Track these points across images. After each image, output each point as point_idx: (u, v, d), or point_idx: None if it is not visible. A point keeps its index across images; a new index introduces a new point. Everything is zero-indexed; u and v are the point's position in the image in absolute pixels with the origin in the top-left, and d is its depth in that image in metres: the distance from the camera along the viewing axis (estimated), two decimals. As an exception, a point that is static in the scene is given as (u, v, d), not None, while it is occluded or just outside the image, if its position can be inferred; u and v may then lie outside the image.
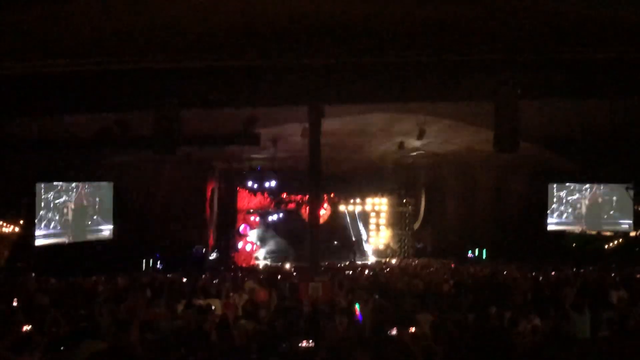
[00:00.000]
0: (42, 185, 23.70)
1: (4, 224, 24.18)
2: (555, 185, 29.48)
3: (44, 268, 21.48)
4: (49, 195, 24.03)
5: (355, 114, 21.55)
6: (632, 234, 27.96)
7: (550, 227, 29.39)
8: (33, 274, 20.65)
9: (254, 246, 34.08)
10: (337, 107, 17.38)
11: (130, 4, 9.34)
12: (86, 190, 25.60)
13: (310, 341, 8.54)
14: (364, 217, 36.82)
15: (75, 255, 24.11)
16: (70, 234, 24.81)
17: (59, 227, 24.34)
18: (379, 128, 24.56)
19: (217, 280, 18.85)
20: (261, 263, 32.74)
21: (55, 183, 24.31)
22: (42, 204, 23.60)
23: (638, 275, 16.87)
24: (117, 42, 10.87)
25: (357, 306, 11.28)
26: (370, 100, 16.46)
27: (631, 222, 27.46)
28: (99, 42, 10.82)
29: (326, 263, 28.15)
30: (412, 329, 8.97)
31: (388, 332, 8.79)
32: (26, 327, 9.56)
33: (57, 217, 24.26)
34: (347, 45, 11.19)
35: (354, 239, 36.63)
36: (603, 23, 10.01)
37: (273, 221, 35.59)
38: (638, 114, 16.53)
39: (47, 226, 23.80)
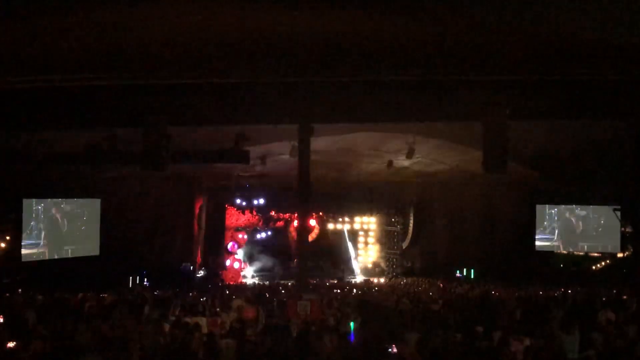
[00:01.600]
0: (31, 201, 23.60)
1: (-9, 240, 24.02)
2: (544, 206, 29.64)
3: (31, 284, 21.31)
4: (38, 209, 23.92)
5: (344, 133, 21.60)
6: (619, 255, 28.08)
7: (538, 248, 29.49)
8: (20, 290, 20.49)
9: (242, 264, 33.97)
10: (327, 125, 17.42)
11: (121, 21, 9.35)
12: (74, 206, 25.46)
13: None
14: (353, 235, 36.81)
15: (62, 271, 23.95)
16: (57, 250, 24.64)
17: (46, 242, 24.19)
18: (368, 147, 24.62)
19: (204, 298, 18.75)
20: (249, 281, 32.59)
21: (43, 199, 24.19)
22: (30, 219, 23.48)
23: (625, 297, 16.89)
24: (106, 58, 10.87)
25: (351, 325, 11.22)
26: (359, 120, 16.51)
27: (618, 243, 27.60)
28: (88, 58, 10.81)
29: (315, 281, 28.12)
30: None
31: (390, 350, 8.77)
32: (11, 344, 9.47)
33: (44, 233, 24.11)
34: (337, 65, 11.24)
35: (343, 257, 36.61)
36: (591, 45, 10.10)
37: (261, 239, 35.51)
38: (625, 135, 16.64)
39: (34, 240, 23.65)
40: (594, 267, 29.54)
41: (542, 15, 9.01)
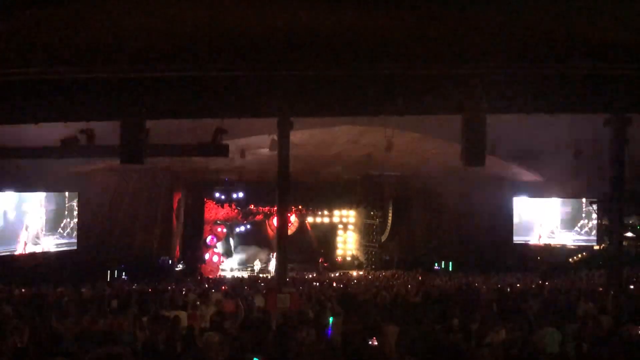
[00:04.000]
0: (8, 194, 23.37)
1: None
2: (522, 199, 29.90)
3: (8, 278, 21.10)
4: (15, 204, 23.69)
5: (323, 126, 21.59)
6: (596, 247, 28.38)
7: (515, 240, 29.74)
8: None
9: (221, 257, 33.93)
10: (306, 119, 17.40)
11: (99, 14, 9.27)
12: (51, 199, 25.22)
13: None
14: (332, 229, 36.89)
15: (40, 265, 23.75)
16: (36, 244, 24.42)
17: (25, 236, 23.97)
18: (347, 140, 24.64)
19: (183, 292, 18.69)
20: (228, 274, 32.57)
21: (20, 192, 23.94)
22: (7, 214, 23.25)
23: (601, 289, 17.07)
24: (84, 51, 10.77)
25: (330, 320, 11.23)
26: (338, 113, 16.50)
27: (595, 236, 27.92)
28: (66, 51, 10.71)
29: (294, 274, 28.13)
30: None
31: (369, 342, 8.78)
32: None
33: (22, 226, 23.88)
34: (316, 58, 11.22)
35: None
36: (570, 39, 10.17)
37: (240, 232, 35.50)
38: (602, 128, 16.79)
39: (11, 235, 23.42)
40: (570, 260, 29.83)
41: (521, 10, 9.06)
